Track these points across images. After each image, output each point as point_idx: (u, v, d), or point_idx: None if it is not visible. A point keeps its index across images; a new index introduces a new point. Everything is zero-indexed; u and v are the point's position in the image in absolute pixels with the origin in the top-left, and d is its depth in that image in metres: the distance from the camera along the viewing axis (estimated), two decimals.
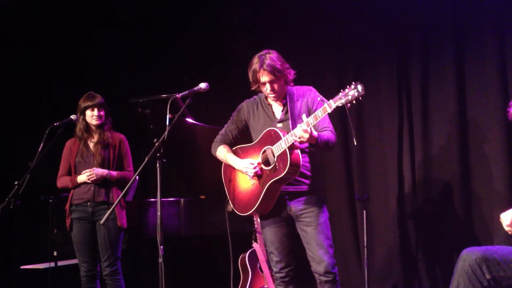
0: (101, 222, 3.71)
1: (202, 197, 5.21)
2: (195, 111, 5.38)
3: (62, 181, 4.25)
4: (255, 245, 4.57)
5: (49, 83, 6.21)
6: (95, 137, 4.22)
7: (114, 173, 4.18)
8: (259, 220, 4.53)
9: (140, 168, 3.44)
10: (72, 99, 5.96)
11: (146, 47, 6.15)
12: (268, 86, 3.40)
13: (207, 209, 5.00)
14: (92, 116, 4.19)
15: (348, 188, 5.25)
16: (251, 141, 3.56)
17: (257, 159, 3.43)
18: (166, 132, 3.37)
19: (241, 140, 3.65)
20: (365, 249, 4.79)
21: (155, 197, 3.43)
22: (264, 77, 3.38)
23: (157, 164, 3.38)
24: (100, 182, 4.13)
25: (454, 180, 4.77)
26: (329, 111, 3.14)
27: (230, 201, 3.63)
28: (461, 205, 4.74)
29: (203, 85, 3.53)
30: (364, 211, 4.77)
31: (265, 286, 4.49)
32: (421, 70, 4.97)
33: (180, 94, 3.47)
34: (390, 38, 5.13)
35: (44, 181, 5.99)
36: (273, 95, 3.44)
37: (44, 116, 5.76)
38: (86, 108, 4.18)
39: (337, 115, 5.29)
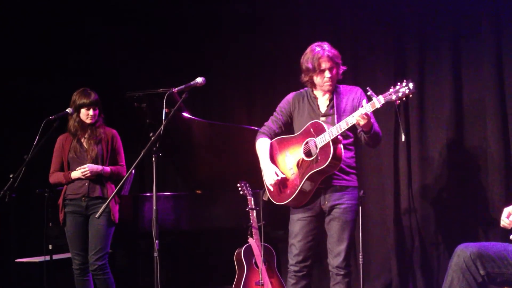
0: (97, 216, 3.70)
1: (198, 191, 5.21)
2: (192, 106, 5.36)
3: (55, 177, 4.25)
4: (250, 240, 4.57)
5: (45, 75, 6.19)
6: (88, 133, 4.22)
7: (108, 168, 4.19)
8: (255, 215, 4.55)
9: (136, 162, 3.45)
10: (69, 92, 5.98)
11: (144, 41, 6.13)
12: (327, 72, 3.48)
13: (203, 204, 5.00)
14: (87, 115, 4.18)
15: None
16: (293, 133, 3.60)
17: (298, 150, 3.48)
18: (162, 127, 3.38)
19: (285, 132, 3.69)
20: (360, 245, 4.80)
21: (151, 191, 3.43)
22: (325, 64, 3.47)
23: (153, 159, 3.38)
24: (94, 178, 4.13)
25: (450, 177, 4.78)
26: (378, 106, 3.21)
27: (267, 190, 3.64)
28: (457, 202, 4.74)
29: (199, 80, 3.53)
30: (360, 208, 4.77)
31: (260, 281, 4.50)
32: (418, 66, 4.97)
33: (176, 89, 3.47)
34: (387, 33, 5.12)
35: (39, 174, 5.99)
36: (329, 82, 3.51)
37: (40, 108, 5.75)
38: (81, 106, 4.16)
39: None
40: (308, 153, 3.43)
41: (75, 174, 4.13)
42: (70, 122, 4.20)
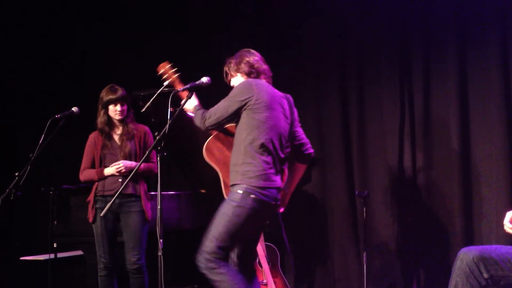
0: (101, 214, 3.70)
1: (203, 191, 5.22)
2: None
3: (86, 174, 4.17)
4: None
5: (51, 74, 6.21)
6: (119, 130, 4.17)
7: (141, 165, 4.10)
8: None
9: (141, 161, 3.47)
10: (74, 91, 6.00)
11: (147, 39, 6.14)
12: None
13: (207, 203, 5.01)
14: (115, 112, 4.12)
15: (348, 184, 5.25)
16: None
17: None
18: (167, 126, 3.38)
19: None
20: (364, 246, 4.79)
21: (156, 190, 3.43)
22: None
23: (158, 158, 3.39)
24: (127, 175, 4.06)
25: (455, 178, 4.77)
26: None
27: None
28: (462, 203, 4.73)
29: (205, 79, 3.54)
30: (364, 208, 4.77)
31: (263, 281, 4.50)
32: (423, 67, 4.97)
33: (182, 88, 3.47)
34: (392, 34, 5.11)
35: (44, 173, 6.01)
36: None
37: (46, 107, 5.77)
38: (108, 102, 4.10)
39: (339, 114, 5.30)
40: None
41: (109, 170, 4.07)
42: (98, 119, 4.15)
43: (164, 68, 3.64)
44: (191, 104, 3.51)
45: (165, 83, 3.63)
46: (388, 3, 5.09)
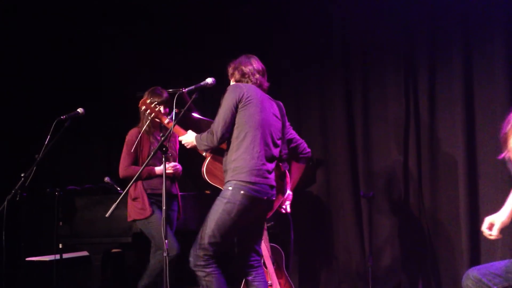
0: (107, 215, 3.71)
1: (207, 192, 5.22)
2: (201, 106, 5.38)
3: (132, 171, 4.21)
4: None
5: (58, 76, 6.24)
6: (163, 132, 4.26)
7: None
8: None
9: (146, 162, 3.49)
10: (79, 92, 6.02)
11: (151, 44, 6.16)
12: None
13: (212, 204, 5.00)
14: None
15: (353, 185, 5.25)
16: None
17: None
18: (172, 127, 3.40)
19: None
20: (370, 247, 4.79)
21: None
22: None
23: (162, 159, 3.40)
24: (172, 176, 4.27)
25: (460, 179, 4.76)
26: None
27: None
28: (467, 204, 4.72)
29: (209, 80, 3.55)
30: (369, 208, 4.77)
31: (268, 282, 4.50)
32: (429, 68, 4.97)
33: (186, 89, 3.48)
34: (398, 36, 5.12)
35: (50, 174, 6.03)
36: None
37: (52, 108, 5.79)
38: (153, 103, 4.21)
39: (344, 115, 5.30)
40: None
41: (160, 169, 4.14)
42: (144, 121, 4.23)
43: (146, 104, 3.68)
44: (189, 137, 3.56)
45: (150, 117, 3.73)
46: (394, 5, 5.09)
